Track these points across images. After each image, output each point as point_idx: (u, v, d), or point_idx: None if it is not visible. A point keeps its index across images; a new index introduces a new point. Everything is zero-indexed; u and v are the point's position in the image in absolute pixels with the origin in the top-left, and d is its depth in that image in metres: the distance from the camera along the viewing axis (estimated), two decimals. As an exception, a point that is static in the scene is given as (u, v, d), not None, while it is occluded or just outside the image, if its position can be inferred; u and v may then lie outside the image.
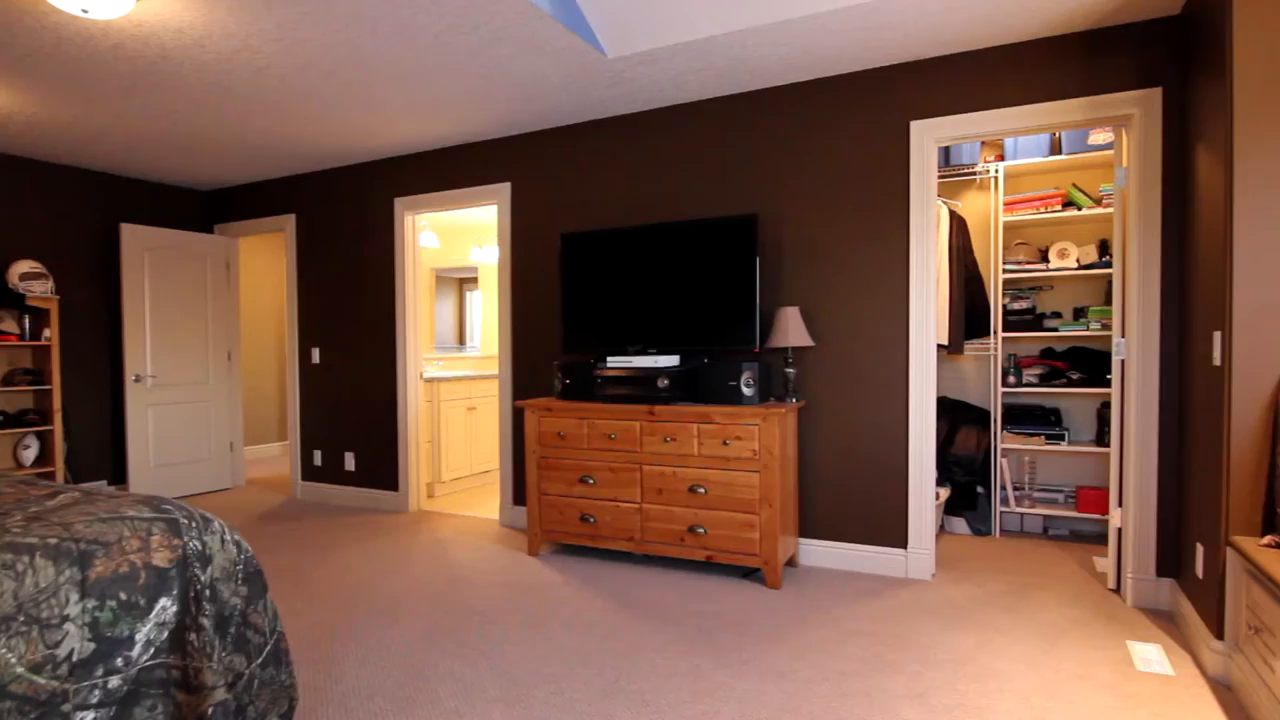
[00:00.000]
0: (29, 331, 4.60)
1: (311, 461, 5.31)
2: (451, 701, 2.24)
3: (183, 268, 5.37)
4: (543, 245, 4.34)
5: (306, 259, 5.30)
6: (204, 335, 5.52)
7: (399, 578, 3.46)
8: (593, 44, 3.14)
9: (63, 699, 1.47)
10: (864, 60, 3.34)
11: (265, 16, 2.82)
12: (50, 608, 1.47)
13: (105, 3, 2.47)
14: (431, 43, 3.08)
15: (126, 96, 3.66)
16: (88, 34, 2.96)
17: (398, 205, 4.84)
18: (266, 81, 3.49)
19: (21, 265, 4.51)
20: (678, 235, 3.63)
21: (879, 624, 2.84)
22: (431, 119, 4.08)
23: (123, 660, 1.56)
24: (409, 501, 4.87)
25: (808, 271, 3.60)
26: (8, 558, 1.45)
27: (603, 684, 2.35)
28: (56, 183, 4.92)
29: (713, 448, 3.32)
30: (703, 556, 3.36)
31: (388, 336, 4.93)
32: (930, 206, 3.36)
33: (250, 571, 1.83)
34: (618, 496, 3.55)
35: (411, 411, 4.86)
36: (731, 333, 3.51)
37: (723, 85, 3.61)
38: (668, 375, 3.46)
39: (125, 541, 1.62)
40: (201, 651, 1.65)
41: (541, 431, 3.76)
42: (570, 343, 3.94)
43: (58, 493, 1.97)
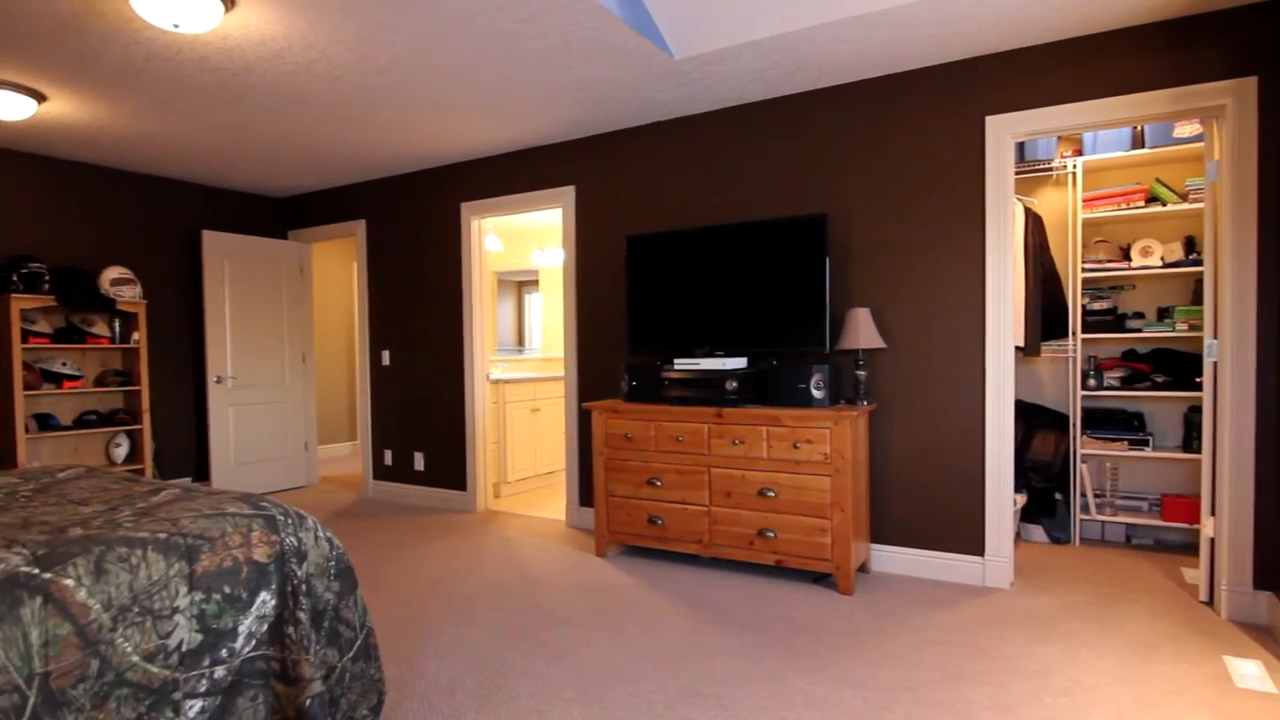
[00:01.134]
0: (119, 334, 4.84)
1: (382, 461, 5.45)
2: (530, 700, 2.27)
3: (260, 272, 5.58)
4: (607, 248, 4.36)
5: (376, 263, 5.44)
6: (280, 338, 5.72)
7: (471, 576, 3.52)
8: (660, 46, 3.14)
9: (174, 687, 1.53)
10: (937, 55, 3.26)
11: (344, 27, 2.90)
12: (162, 599, 1.53)
13: (195, 17, 2.58)
14: (500, 49, 3.13)
15: (210, 108, 3.82)
16: (176, 48, 3.09)
17: (464, 210, 4.93)
18: (342, 91, 3.59)
19: (112, 271, 4.75)
20: (745, 236, 3.60)
21: (958, 633, 2.76)
22: (497, 124, 4.15)
23: (227, 651, 1.62)
24: (476, 501, 4.95)
25: (879, 272, 3.52)
26: (123, 551, 1.52)
27: (679, 686, 2.34)
28: (142, 192, 5.16)
29: (782, 451, 3.28)
30: (772, 561, 3.32)
31: (455, 339, 5.02)
32: (1007, 204, 3.25)
33: (342, 568, 1.88)
34: (685, 499, 3.54)
35: (478, 412, 4.94)
36: (800, 335, 3.46)
37: (789, 84, 3.57)
38: (736, 377, 3.43)
39: (228, 537, 1.68)
40: (299, 644, 1.70)
41: (608, 433, 3.77)
42: (636, 345, 3.94)
43: (160, 489, 2.06)
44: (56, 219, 4.71)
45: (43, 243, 4.64)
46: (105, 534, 1.56)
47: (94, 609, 1.43)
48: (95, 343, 4.69)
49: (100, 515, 1.76)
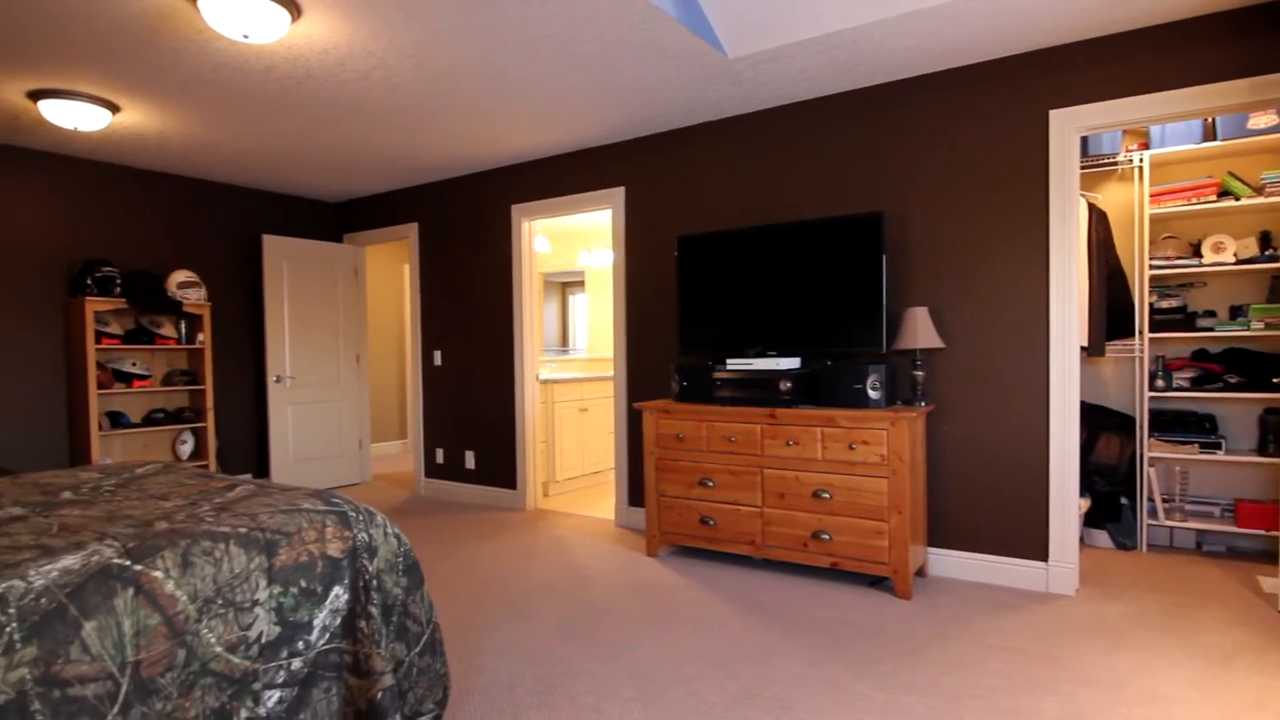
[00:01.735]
0: (185, 335, 5.02)
1: (434, 459, 5.54)
2: (589, 698, 2.28)
3: (316, 275, 5.72)
4: (657, 248, 4.36)
5: (428, 265, 5.54)
6: (335, 338, 5.86)
7: (524, 574, 3.55)
8: (714, 45, 3.13)
9: (254, 678, 1.58)
10: (998, 48, 3.18)
11: (404, 34, 2.96)
12: (243, 592, 1.58)
13: (264, 28, 2.66)
14: (555, 52, 3.15)
15: (273, 116, 3.93)
16: (243, 58, 3.19)
17: (514, 212, 4.98)
18: (399, 98, 3.66)
19: (179, 275, 4.92)
20: (798, 235, 3.56)
21: (1023, 640, 2.69)
22: (548, 127, 4.18)
23: (303, 644, 1.67)
24: (526, 500, 5.00)
25: (937, 270, 3.46)
26: (207, 544, 1.57)
27: (737, 688, 2.33)
28: (207, 197, 5.34)
29: (837, 452, 3.23)
30: (827, 563, 3.28)
31: (505, 339, 5.08)
32: (1072, 200, 3.16)
33: (409, 563, 1.92)
34: (738, 500, 3.52)
35: (528, 412, 4.99)
36: (855, 334, 3.41)
37: (845, 80, 3.53)
38: (789, 377, 3.40)
39: (304, 532, 1.73)
40: (371, 638, 1.74)
41: (659, 433, 3.77)
42: (687, 345, 3.93)
43: (234, 485, 2.13)
44: (127, 224, 4.90)
45: (114, 247, 4.83)
46: (190, 528, 1.61)
47: (181, 600, 1.48)
48: (163, 343, 4.87)
49: (182, 510, 1.82)
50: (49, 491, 2.14)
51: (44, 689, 1.29)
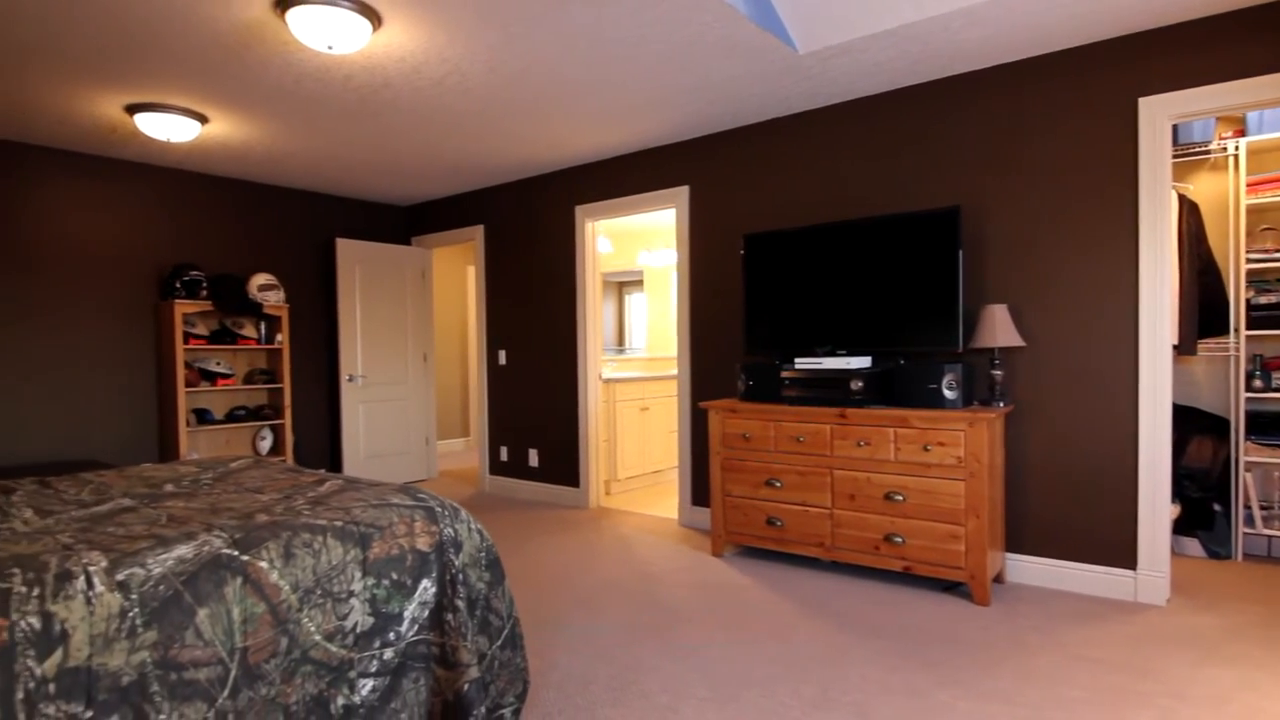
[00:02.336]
0: (264, 336, 5.22)
1: (499, 457, 5.64)
2: (663, 697, 2.28)
3: (386, 277, 5.89)
4: (722, 247, 4.34)
5: (493, 266, 5.64)
6: (403, 338, 6.02)
7: (591, 572, 3.59)
8: (784, 40, 3.10)
9: (349, 666, 1.63)
10: (1082, 35, 3.06)
11: (478, 40, 3.01)
12: (340, 583, 1.63)
13: (347, 38, 2.75)
14: (626, 53, 3.17)
15: (349, 123, 4.06)
16: (325, 68, 3.30)
17: (578, 213, 5.03)
18: (470, 103, 3.73)
19: (259, 278, 5.13)
20: (869, 232, 3.50)
21: (1112, 651, 2.58)
22: (613, 127, 4.20)
23: (394, 635, 1.72)
24: (589, 498, 5.04)
25: (1016, 267, 3.35)
26: (307, 537, 1.63)
27: (812, 692, 2.30)
28: (285, 203, 5.55)
29: (911, 453, 3.16)
30: (900, 567, 3.22)
31: (568, 339, 5.13)
32: (1163, 191, 3.02)
33: (491, 559, 1.95)
34: (806, 501, 3.48)
35: (591, 411, 5.03)
36: (929, 333, 3.33)
37: (918, 73, 3.45)
38: (860, 377, 3.34)
39: (395, 526, 1.78)
40: (457, 631, 1.78)
41: (725, 433, 3.76)
42: (753, 344, 3.90)
43: (324, 480, 2.20)
44: (212, 230, 5.13)
45: (200, 252, 5.07)
46: (289, 520, 1.68)
47: (284, 590, 1.54)
48: (244, 343, 5.08)
49: (278, 503, 1.90)
50: (153, 484, 2.26)
51: (162, 671, 1.36)
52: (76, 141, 4.29)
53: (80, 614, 1.30)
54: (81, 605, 1.31)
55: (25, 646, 1.24)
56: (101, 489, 2.20)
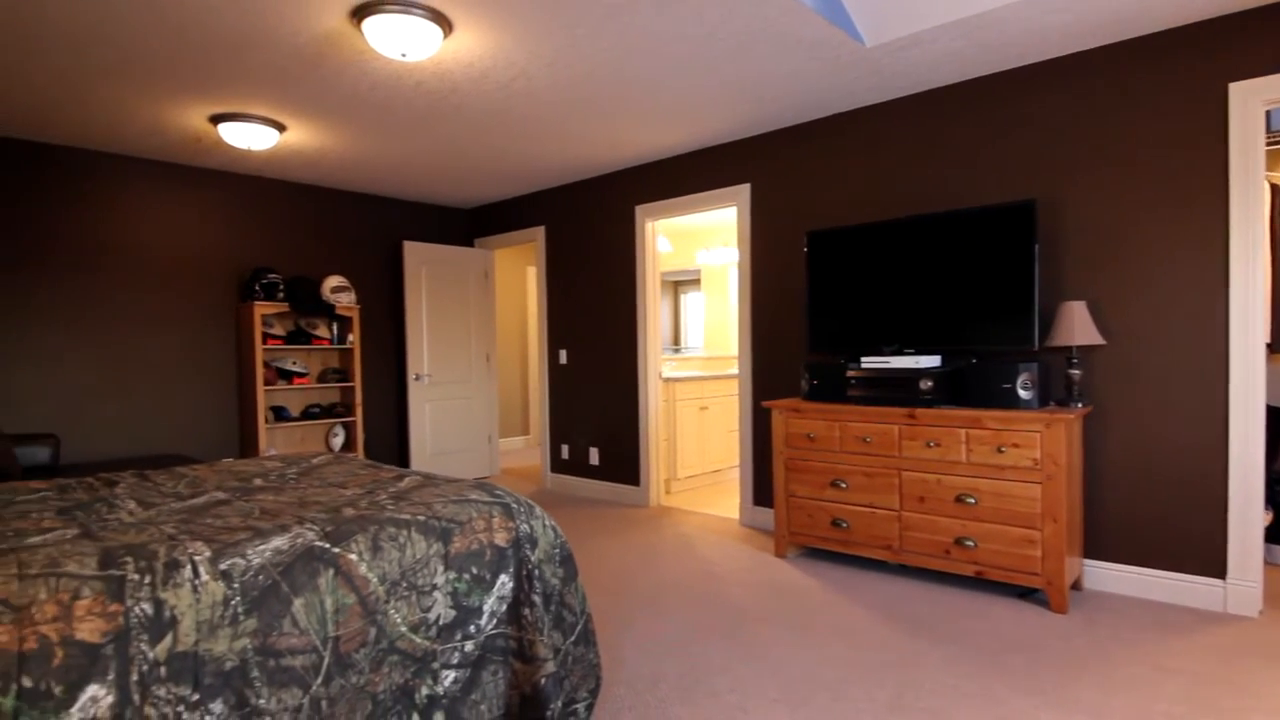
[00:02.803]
0: (337, 336, 5.41)
1: (560, 455, 5.71)
2: (732, 697, 2.28)
3: (450, 278, 6.03)
4: (785, 244, 4.30)
5: (554, 267, 5.71)
6: (467, 338, 6.15)
7: (654, 570, 3.60)
8: (851, 34, 3.05)
9: (433, 658, 1.68)
10: (1165, 19, 2.92)
11: (545, 44, 3.06)
12: (424, 576, 1.69)
13: (420, 46, 2.82)
14: (689, 52, 3.17)
15: (418, 129, 4.16)
16: (396, 75, 3.39)
17: (638, 212, 5.05)
18: (535, 106, 3.79)
19: (332, 280, 5.31)
20: (939, 227, 3.42)
21: (1202, 663, 2.47)
22: (675, 126, 4.21)
23: (474, 627, 1.76)
24: (649, 496, 5.06)
25: (1095, 262, 3.22)
26: (392, 531, 1.69)
27: (886, 697, 2.26)
28: (355, 208, 5.73)
29: (984, 455, 3.08)
30: (971, 572, 3.13)
31: (629, 338, 5.16)
32: (1256, 180, 2.86)
33: (565, 555, 1.98)
34: (873, 502, 3.42)
35: (651, 410, 5.05)
36: (1003, 331, 3.23)
37: (991, 63, 3.35)
38: (930, 376, 3.27)
39: (474, 522, 1.82)
40: (534, 625, 1.81)
41: (789, 433, 3.72)
42: (817, 343, 3.86)
43: (403, 475, 2.27)
44: (287, 234, 5.34)
45: (277, 255, 5.28)
46: (375, 515, 1.74)
47: (373, 582, 1.60)
48: (318, 344, 5.27)
49: (362, 497, 1.97)
50: (243, 478, 2.37)
51: (262, 658, 1.43)
52: (165, 151, 4.52)
53: (188, 601, 1.37)
54: (189, 593, 1.38)
55: (139, 631, 1.31)
56: (195, 482, 2.32)
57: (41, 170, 4.27)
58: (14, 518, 1.85)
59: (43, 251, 4.28)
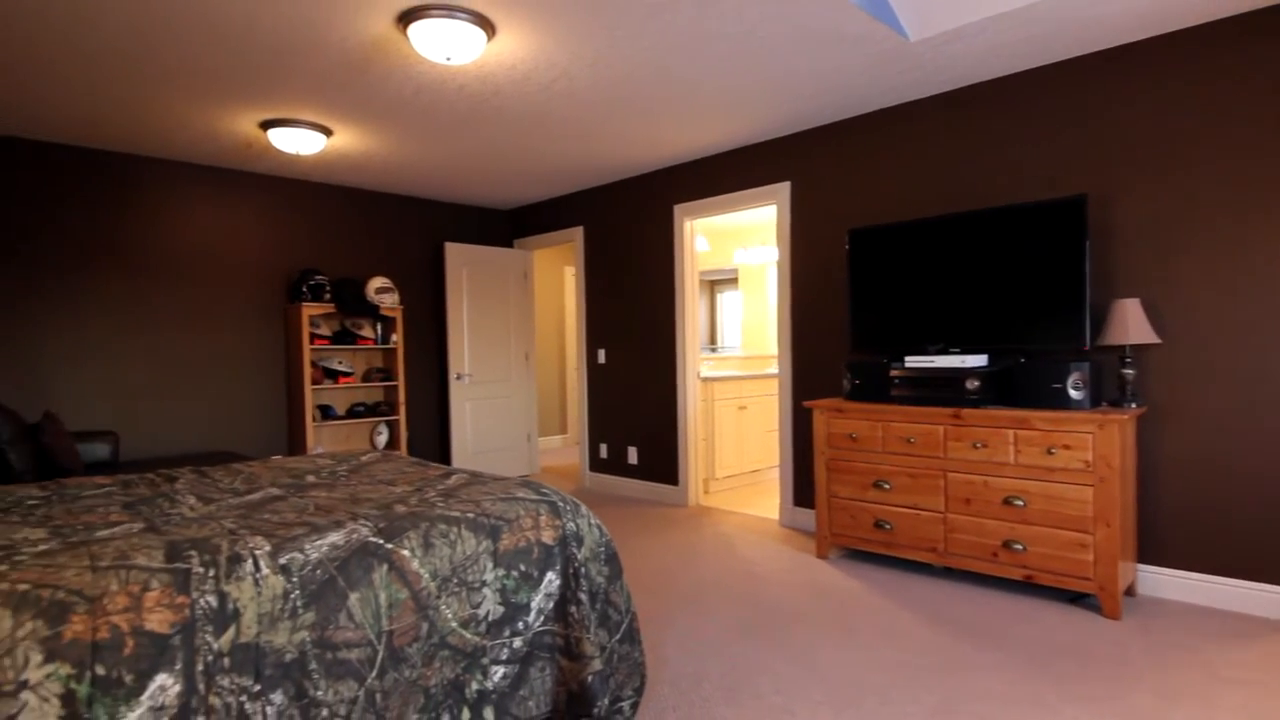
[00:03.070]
0: (380, 336, 5.51)
1: (598, 454, 5.74)
2: (777, 698, 2.27)
3: (491, 279, 6.10)
4: (825, 243, 4.26)
5: (593, 267, 5.74)
6: (506, 338, 6.21)
7: (695, 570, 3.60)
8: (895, 28, 3.01)
9: (482, 653, 1.71)
10: (1227, 5, 2.82)
11: (587, 44, 3.08)
12: (474, 573, 1.71)
13: (464, 49, 2.86)
14: (730, 50, 3.16)
15: (460, 131, 4.22)
16: (440, 79, 3.44)
17: (677, 212, 5.05)
18: (576, 107, 3.82)
19: (376, 281, 5.41)
20: (985, 224, 3.35)
21: (1266, 674, 2.38)
22: (713, 125, 4.20)
23: (522, 624, 1.78)
24: (688, 496, 5.06)
25: (1150, 258, 3.13)
26: (443, 528, 1.72)
27: (934, 701, 2.23)
28: (398, 210, 5.83)
29: (1033, 456, 3.01)
30: (1020, 576, 3.07)
31: (667, 338, 5.17)
32: (1327, 171, 2.75)
33: (610, 553, 2.00)
34: (917, 504, 3.37)
35: (690, 409, 5.05)
36: (1052, 329, 3.16)
37: (1039, 55, 3.27)
38: (977, 376, 3.21)
39: (521, 520, 1.85)
40: (581, 623, 1.83)
41: (830, 433, 3.69)
42: (859, 342, 3.82)
43: (450, 473, 2.31)
44: (333, 236, 5.45)
45: (323, 257, 5.40)
46: (426, 512, 1.77)
47: (425, 577, 1.63)
48: (363, 343, 5.38)
49: (411, 495, 2.01)
50: (295, 475, 2.43)
51: (320, 650, 1.47)
52: (217, 157, 4.65)
53: (250, 594, 1.42)
54: (250, 586, 1.43)
55: (204, 623, 1.36)
56: (251, 479, 2.38)
57: (99, 177, 4.43)
58: (82, 511, 1.92)
59: (101, 256, 4.44)
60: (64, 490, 2.23)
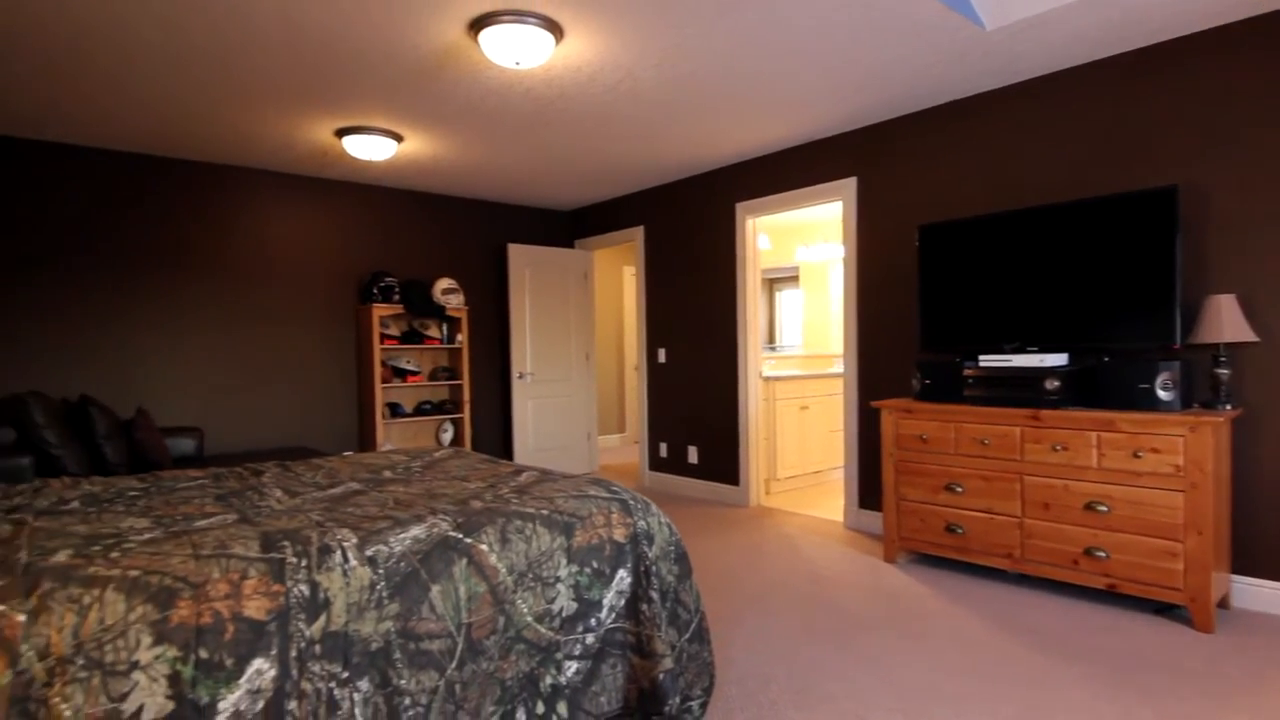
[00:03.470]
0: (446, 336, 5.64)
1: (658, 453, 5.75)
2: (848, 703, 2.23)
3: (552, 279, 6.17)
4: (893, 239, 4.17)
5: (653, 266, 5.75)
6: (567, 338, 6.28)
7: (759, 571, 3.57)
8: (971, 18, 2.92)
9: (556, 648, 1.73)
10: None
11: (653, 45, 3.08)
12: (548, 568, 1.74)
13: (533, 53, 2.90)
14: (799, 44, 3.12)
15: (524, 134, 4.29)
16: (507, 83, 3.50)
17: (739, 210, 5.02)
18: (640, 107, 3.83)
19: (442, 282, 5.54)
20: (1066, 218, 3.23)
21: (1382, 696, 2.23)
22: (777, 121, 4.15)
23: (595, 621, 1.80)
24: (749, 496, 5.02)
25: (1247, 252, 2.96)
26: (519, 523, 1.75)
27: (1012, 713, 2.16)
28: (463, 212, 5.96)
29: (1118, 460, 2.89)
30: (1102, 584, 2.94)
31: (728, 337, 5.14)
32: None
33: (680, 552, 2.00)
34: (991, 508, 3.27)
35: (751, 409, 5.01)
36: (1138, 327, 3.02)
37: (1119, 42, 3.13)
38: (1057, 375, 3.09)
39: (594, 517, 1.86)
40: (652, 621, 1.84)
41: (899, 434, 3.61)
42: (929, 341, 3.72)
43: (520, 470, 2.35)
44: (402, 239, 5.61)
45: (392, 259, 5.56)
46: (502, 508, 1.81)
47: (502, 572, 1.66)
48: (429, 343, 5.52)
49: (485, 491, 2.05)
50: (373, 470, 2.51)
51: (403, 640, 1.51)
52: (294, 164, 4.84)
53: (339, 584, 1.47)
54: (340, 577, 1.48)
55: (298, 610, 1.42)
56: (331, 473, 2.47)
57: (186, 186, 4.66)
58: (179, 503, 2.03)
59: (186, 261, 4.67)
60: (160, 482, 2.35)
